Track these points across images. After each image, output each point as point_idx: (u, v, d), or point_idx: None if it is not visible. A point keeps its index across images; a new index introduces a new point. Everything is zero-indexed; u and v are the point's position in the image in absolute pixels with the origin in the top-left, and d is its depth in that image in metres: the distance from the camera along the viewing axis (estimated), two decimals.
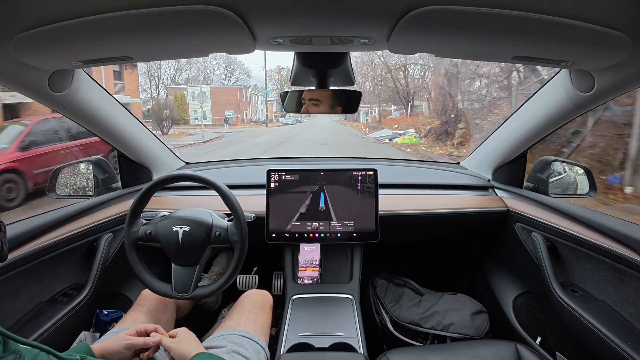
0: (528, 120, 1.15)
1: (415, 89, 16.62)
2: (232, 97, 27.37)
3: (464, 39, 0.64)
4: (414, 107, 16.21)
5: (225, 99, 27.15)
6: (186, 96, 25.17)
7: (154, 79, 27.11)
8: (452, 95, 10.44)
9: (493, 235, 1.41)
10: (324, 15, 0.57)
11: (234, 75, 33.77)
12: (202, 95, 17.76)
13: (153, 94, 26.58)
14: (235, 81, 32.57)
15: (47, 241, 0.92)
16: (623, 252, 0.83)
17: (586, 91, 0.87)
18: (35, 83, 0.81)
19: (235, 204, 0.94)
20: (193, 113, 24.56)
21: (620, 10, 0.54)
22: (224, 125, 23.42)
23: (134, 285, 1.26)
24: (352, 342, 0.96)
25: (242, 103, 28.47)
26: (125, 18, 0.55)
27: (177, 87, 27.65)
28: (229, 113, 26.41)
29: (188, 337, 0.77)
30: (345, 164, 1.59)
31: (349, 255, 1.31)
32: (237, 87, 29.03)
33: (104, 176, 1.25)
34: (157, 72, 26.90)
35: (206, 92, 23.80)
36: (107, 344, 0.74)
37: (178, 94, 25.17)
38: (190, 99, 24.69)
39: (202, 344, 0.80)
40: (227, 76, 33.43)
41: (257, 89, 32.93)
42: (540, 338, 1.11)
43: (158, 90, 27.42)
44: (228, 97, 27.35)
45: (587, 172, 1.22)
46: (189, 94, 25.87)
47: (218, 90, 27.85)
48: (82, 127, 1.08)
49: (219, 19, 0.55)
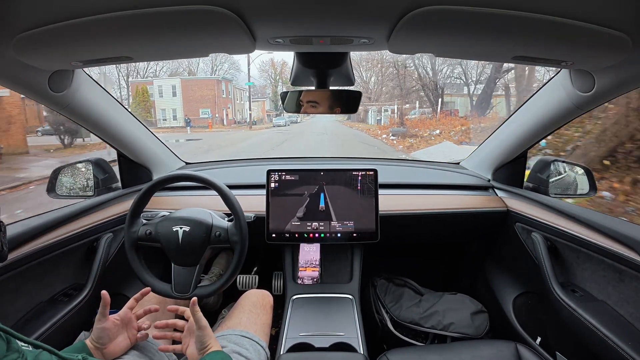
0: (528, 121, 1.15)
1: (446, 80, 13.11)
2: (208, 91, 21.57)
3: (464, 39, 0.64)
4: (444, 104, 13.14)
5: (200, 94, 21.30)
6: (151, 91, 19.83)
7: (126, 70, 21.07)
8: None
9: (493, 235, 1.41)
10: (324, 16, 0.57)
11: (222, 68, 28.40)
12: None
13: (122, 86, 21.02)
14: (223, 76, 25.37)
15: (47, 241, 0.92)
16: (623, 252, 0.83)
17: (586, 91, 0.87)
18: (35, 83, 0.81)
19: (235, 204, 0.94)
20: (160, 112, 19.19)
21: (620, 10, 0.54)
22: (186, 129, 18.40)
23: (134, 285, 1.26)
24: (352, 342, 0.96)
25: (221, 99, 22.36)
26: (125, 18, 0.55)
27: (141, 80, 21.57)
28: (204, 112, 20.95)
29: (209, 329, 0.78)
30: (345, 164, 1.59)
31: (349, 255, 1.31)
32: (215, 80, 22.82)
33: (104, 176, 1.25)
34: (135, 65, 20.40)
35: (175, 86, 18.67)
36: (97, 330, 0.74)
37: (139, 88, 19.66)
38: (158, 95, 19.75)
39: None
40: (214, 69, 27.84)
41: (244, 85, 27.07)
42: (540, 338, 1.11)
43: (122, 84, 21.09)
44: (204, 91, 21.46)
45: (587, 172, 1.22)
46: (155, 88, 20.21)
47: (191, 84, 21.42)
48: (82, 127, 1.08)
49: (219, 19, 0.55)
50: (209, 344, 0.74)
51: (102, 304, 0.74)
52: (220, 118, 22.15)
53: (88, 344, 0.72)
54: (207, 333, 0.74)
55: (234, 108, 24.68)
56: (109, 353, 0.74)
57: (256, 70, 30.16)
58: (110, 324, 0.75)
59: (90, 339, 0.73)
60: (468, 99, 14.75)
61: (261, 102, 30.21)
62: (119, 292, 1.23)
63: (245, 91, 25.56)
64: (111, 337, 0.74)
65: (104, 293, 0.74)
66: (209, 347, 0.73)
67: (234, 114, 24.52)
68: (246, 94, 25.33)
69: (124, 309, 0.79)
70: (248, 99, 24.41)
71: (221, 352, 0.73)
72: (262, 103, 29.83)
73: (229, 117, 23.12)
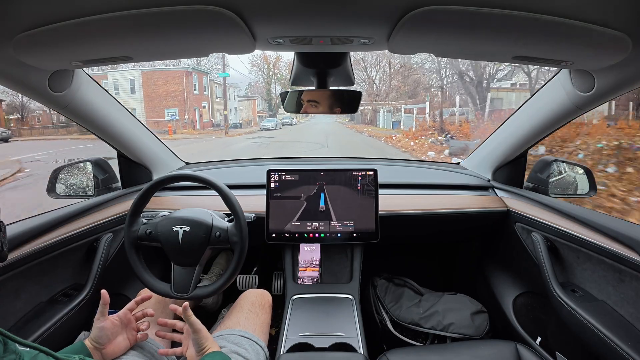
0: (528, 120, 1.15)
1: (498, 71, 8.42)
2: (175, 86, 17.04)
3: (464, 39, 0.64)
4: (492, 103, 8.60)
5: (165, 90, 16.72)
6: (105, 87, 12.13)
7: None
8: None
9: (493, 235, 1.41)
10: (324, 15, 0.57)
11: (207, 63, 22.83)
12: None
13: None
14: (194, 66, 18.92)
15: (47, 241, 0.92)
16: (623, 252, 0.83)
17: (586, 91, 0.87)
18: (35, 83, 0.81)
19: (235, 204, 0.94)
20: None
21: (620, 11, 0.54)
22: None
23: (134, 285, 1.26)
24: (352, 342, 0.96)
25: (192, 96, 17.60)
26: (125, 18, 0.55)
27: (92, 74, 12.69)
28: (170, 113, 16.42)
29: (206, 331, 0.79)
30: (345, 164, 1.59)
31: (349, 255, 1.31)
32: (183, 71, 17.50)
33: (104, 176, 1.25)
34: None
35: (135, 80, 13.93)
36: (96, 330, 0.74)
37: None
38: (113, 92, 12.58)
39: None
40: (198, 62, 21.25)
41: (232, 81, 21.40)
42: (540, 338, 1.11)
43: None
44: (170, 86, 16.91)
45: (587, 172, 1.22)
46: (110, 83, 16.02)
47: (154, 77, 16.61)
48: (82, 126, 1.08)
49: (219, 19, 0.55)
50: (206, 345, 0.74)
51: (102, 303, 0.74)
52: (192, 120, 17.30)
53: (87, 344, 0.72)
54: (202, 335, 0.75)
55: (211, 107, 19.26)
56: (108, 353, 0.74)
57: (246, 65, 24.50)
58: (110, 324, 0.75)
59: (89, 339, 0.74)
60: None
61: (251, 100, 23.60)
62: (119, 292, 1.23)
63: (232, 87, 18.86)
64: (110, 337, 0.74)
65: (103, 292, 0.74)
66: (207, 349, 0.74)
67: (211, 115, 19.27)
68: (232, 91, 19.16)
69: (124, 310, 0.79)
70: (223, 94, 17.30)
71: (220, 353, 0.73)
72: (252, 102, 23.17)
73: (202, 118, 17.87)
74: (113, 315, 0.77)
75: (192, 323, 0.75)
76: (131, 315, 0.81)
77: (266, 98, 27.60)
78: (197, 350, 0.74)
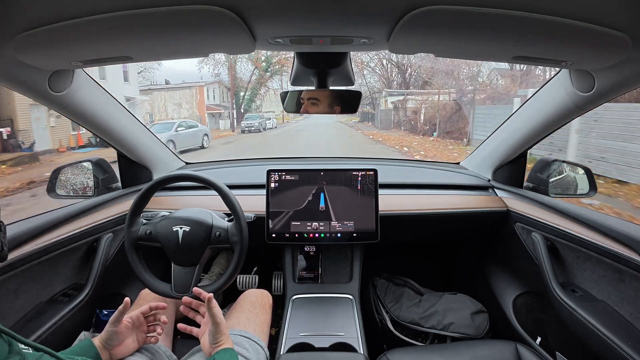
0: (528, 121, 1.15)
1: None
2: None
3: (464, 39, 0.64)
4: None
5: None
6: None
7: None
8: None
9: (493, 235, 1.41)
10: (324, 15, 0.57)
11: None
12: None
13: None
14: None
15: (47, 241, 0.92)
16: (623, 252, 0.83)
17: (586, 91, 0.87)
18: (35, 83, 0.81)
19: (235, 204, 0.94)
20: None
21: (620, 10, 0.54)
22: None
23: (134, 285, 1.26)
24: (352, 342, 0.96)
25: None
26: (125, 18, 0.55)
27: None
28: None
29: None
30: (346, 164, 1.59)
31: (349, 255, 1.31)
32: None
33: (104, 176, 1.25)
34: None
35: None
36: (109, 332, 0.74)
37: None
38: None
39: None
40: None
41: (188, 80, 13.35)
42: (540, 338, 1.11)
43: None
44: None
45: (587, 172, 1.22)
46: None
47: None
48: (82, 126, 1.08)
49: (219, 19, 0.55)
50: (221, 340, 0.75)
51: (121, 309, 0.74)
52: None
53: (96, 342, 0.73)
54: (220, 330, 0.75)
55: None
56: (116, 354, 0.75)
57: None
58: (123, 327, 0.75)
59: (99, 338, 0.74)
60: None
61: (195, 88, 14.79)
62: (119, 292, 1.23)
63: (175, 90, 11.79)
64: (121, 339, 0.75)
65: (126, 300, 0.74)
66: (221, 343, 0.74)
67: (146, 121, 11.63)
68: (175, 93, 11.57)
69: (137, 313, 0.79)
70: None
71: (230, 350, 0.74)
72: (196, 90, 14.64)
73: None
74: (126, 317, 0.77)
75: (213, 315, 0.75)
76: (144, 319, 0.81)
77: (233, 88, 17.28)
78: (211, 342, 0.75)
